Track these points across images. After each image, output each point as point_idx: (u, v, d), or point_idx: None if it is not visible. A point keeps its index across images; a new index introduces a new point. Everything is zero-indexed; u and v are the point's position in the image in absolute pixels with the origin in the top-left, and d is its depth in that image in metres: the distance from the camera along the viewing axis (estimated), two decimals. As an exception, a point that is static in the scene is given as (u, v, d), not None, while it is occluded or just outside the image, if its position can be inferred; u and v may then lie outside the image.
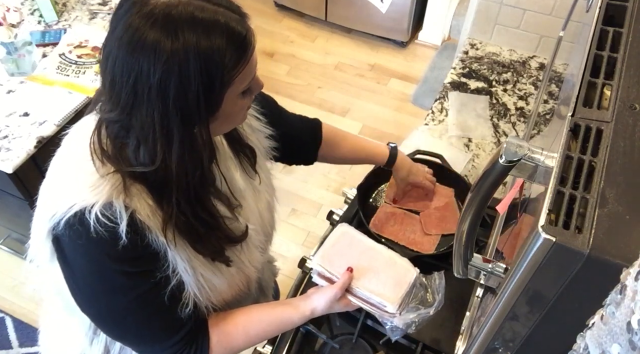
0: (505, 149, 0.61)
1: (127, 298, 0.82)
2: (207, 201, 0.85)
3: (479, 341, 0.69)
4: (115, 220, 0.75)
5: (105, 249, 0.77)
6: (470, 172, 1.52)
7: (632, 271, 0.40)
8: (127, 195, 0.77)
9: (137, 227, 0.77)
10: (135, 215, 0.77)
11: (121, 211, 0.76)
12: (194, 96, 0.71)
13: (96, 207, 0.75)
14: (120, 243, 0.76)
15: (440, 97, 1.73)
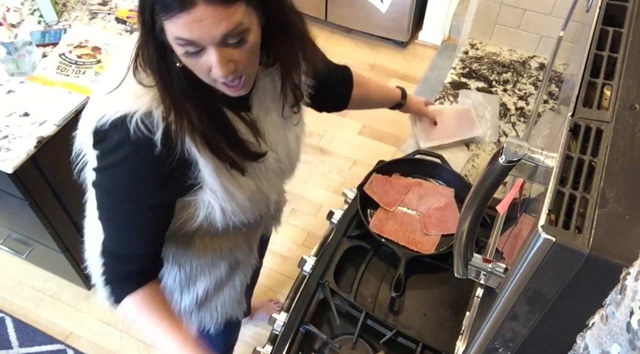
0: (505, 149, 0.61)
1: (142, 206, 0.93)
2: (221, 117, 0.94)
3: (479, 341, 0.69)
4: (152, 129, 0.85)
5: (141, 154, 0.87)
6: (470, 172, 1.52)
7: (632, 271, 0.40)
8: (166, 107, 0.86)
9: (170, 138, 0.86)
10: (171, 125, 0.86)
11: (158, 121, 0.85)
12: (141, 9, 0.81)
13: (137, 115, 0.85)
14: (155, 151, 0.86)
15: (441, 97, 1.73)
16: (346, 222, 1.33)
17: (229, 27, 0.79)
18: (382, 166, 1.43)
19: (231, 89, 0.89)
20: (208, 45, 0.81)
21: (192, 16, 0.77)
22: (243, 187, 1.00)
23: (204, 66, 0.84)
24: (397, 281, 1.20)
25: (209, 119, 0.91)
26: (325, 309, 1.21)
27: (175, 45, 0.82)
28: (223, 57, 0.82)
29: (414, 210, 1.37)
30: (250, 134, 0.99)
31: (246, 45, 0.84)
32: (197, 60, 0.83)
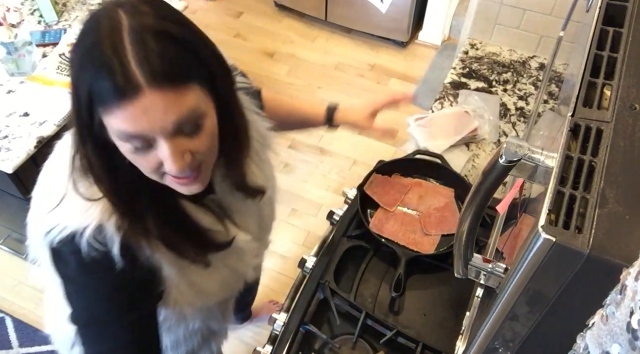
0: (505, 149, 0.61)
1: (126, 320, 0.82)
2: (178, 211, 0.84)
3: (479, 341, 0.69)
4: (107, 244, 0.75)
5: (100, 272, 0.77)
6: (470, 172, 1.52)
7: (632, 271, 0.40)
8: (118, 216, 0.76)
9: (129, 248, 0.77)
10: (127, 236, 0.76)
11: (112, 234, 0.75)
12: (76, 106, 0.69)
13: (87, 231, 0.74)
14: (115, 267, 0.76)
15: (441, 97, 1.73)
16: (346, 222, 1.33)
17: (181, 115, 0.68)
18: (382, 166, 1.43)
19: (183, 183, 0.75)
20: (158, 137, 0.69)
21: (137, 106, 0.65)
22: (212, 276, 0.92)
23: (153, 162, 0.72)
24: (397, 281, 1.20)
25: (166, 220, 0.80)
26: (325, 309, 1.21)
27: (118, 142, 0.70)
28: (177, 149, 0.70)
29: (414, 210, 1.37)
30: (217, 222, 0.89)
31: (203, 132, 0.72)
32: (146, 155, 0.71)
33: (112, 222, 0.75)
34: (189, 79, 0.68)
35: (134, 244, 0.77)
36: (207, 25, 3.47)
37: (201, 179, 0.77)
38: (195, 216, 0.86)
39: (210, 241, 0.87)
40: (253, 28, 3.47)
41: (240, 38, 3.40)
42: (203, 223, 0.86)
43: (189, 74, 0.69)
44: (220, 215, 0.90)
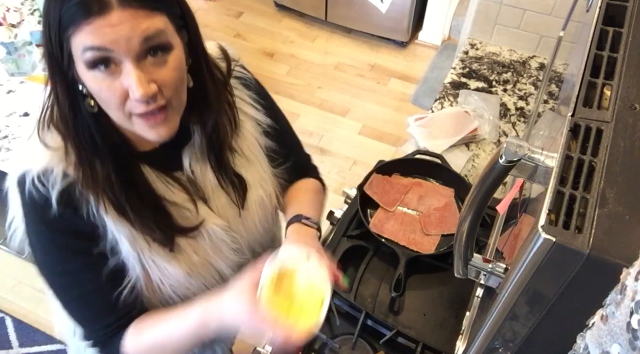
0: (505, 149, 0.61)
1: (59, 269, 0.83)
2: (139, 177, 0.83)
3: (479, 341, 0.69)
4: (49, 187, 0.77)
5: (39, 215, 0.79)
6: (470, 172, 1.52)
7: (632, 271, 0.40)
8: (68, 164, 0.78)
9: (73, 197, 0.78)
10: (75, 185, 0.78)
11: (56, 178, 0.77)
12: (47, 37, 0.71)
13: (33, 172, 0.77)
14: (52, 212, 0.77)
15: (441, 97, 1.73)
16: (346, 222, 1.33)
17: (148, 32, 0.69)
18: (382, 166, 1.43)
19: (150, 123, 0.75)
20: (124, 59, 0.69)
21: (106, 20, 0.67)
22: (178, 261, 0.87)
23: (119, 91, 0.71)
24: (397, 281, 1.20)
25: (121, 182, 0.79)
26: (325, 309, 1.21)
27: (85, 72, 0.70)
28: (143, 75, 0.70)
29: (414, 210, 1.37)
30: (187, 199, 0.87)
31: (169, 61, 0.73)
32: (111, 83, 0.71)
33: (60, 169, 0.77)
34: (159, 8, 0.70)
35: (80, 196, 0.78)
36: (207, 25, 3.47)
37: (169, 123, 0.77)
38: (158, 186, 0.85)
39: (172, 218, 0.85)
40: (253, 28, 3.47)
41: (240, 38, 3.40)
42: (167, 196, 0.85)
43: (159, 3, 0.71)
44: (192, 193, 0.88)
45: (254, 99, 1.00)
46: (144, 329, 0.86)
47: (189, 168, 0.88)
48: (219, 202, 0.93)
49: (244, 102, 0.98)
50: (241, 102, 0.97)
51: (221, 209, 0.93)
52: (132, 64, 0.70)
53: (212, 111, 0.87)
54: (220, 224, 0.92)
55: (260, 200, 0.98)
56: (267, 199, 1.00)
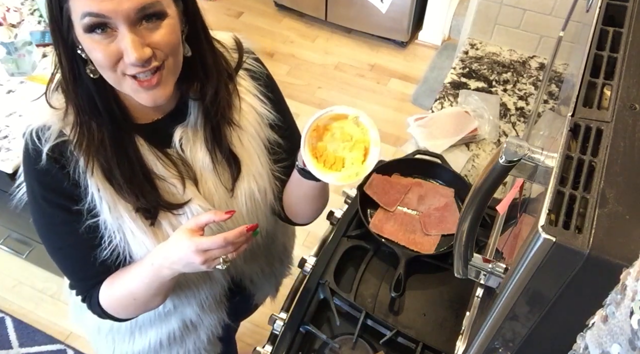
0: (505, 149, 0.61)
1: (43, 221, 0.89)
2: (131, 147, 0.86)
3: (479, 341, 0.69)
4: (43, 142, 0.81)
5: (31, 166, 0.84)
6: (470, 172, 1.52)
7: (632, 271, 0.40)
8: (65, 124, 0.82)
9: (63, 155, 0.82)
10: (67, 145, 0.82)
11: (52, 135, 0.82)
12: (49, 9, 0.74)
13: (34, 125, 0.82)
14: (41, 164, 0.82)
15: (441, 97, 1.73)
16: (346, 222, 1.33)
17: (145, 2, 0.71)
18: (382, 166, 1.43)
19: (144, 86, 0.77)
20: (120, 25, 0.72)
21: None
22: (157, 237, 0.89)
23: (114, 53, 0.74)
24: (397, 281, 1.20)
25: (114, 145, 0.83)
26: (325, 309, 1.21)
27: (82, 35, 0.73)
28: (138, 39, 0.73)
29: (414, 210, 1.37)
30: (175, 175, 0.89)
31: (164, 26, 0.75)
32: (107, 45, 0.73)
33: (58, 127, 0.82)
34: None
35: (70, 155, 0.82)
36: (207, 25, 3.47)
37: (163, 86, 0.79)
38: (148, 159, 0.87)
39: (159, 192, 0.88)
40: (253, 28, 3.47)
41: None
42: (156, 170, 0.88)
43: None
44: (182, 172, 0.90)
45: (261, 91, 0.99)
46: (114, 283, 0.91)
47: (179, 146, 0.90)
48: (206, 185, 0.93)
49: (249, 93, 0.98)
50: (246, 93, 0.97)
51: (207, 192, 0.93)
52: (127, 29, 0.72)
53: (211, 80, 0.89)
54: (205, 206, 0.92)
55: (250, 192, 0.97)
56: (260, 194, 0.99)
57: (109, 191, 0.85)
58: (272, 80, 1.04)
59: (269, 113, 0.99)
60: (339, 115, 0.83)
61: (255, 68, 1.00)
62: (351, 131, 0.83)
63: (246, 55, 0.98)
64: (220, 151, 0.93)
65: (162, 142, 0.89)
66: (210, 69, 0.88)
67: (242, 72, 0.97)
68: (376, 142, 0.83)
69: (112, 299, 0.92)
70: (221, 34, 0.97)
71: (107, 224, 0.87)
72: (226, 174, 0.95)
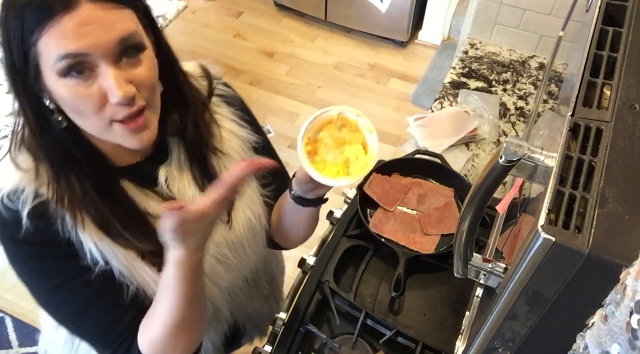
0: (505, 149, 0.61)
1: (49, 286, 0.80)
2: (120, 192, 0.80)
3: (479, 341, 0.69)
4: (19, 206, 0.74)
5: (13, 235, 0.75)
6: (470, 172, 1.52)
7: (632, 271, 0.40)
8: (40, 184, 0.75)
9: (45, 216, 0.75)
10: (46, 204, 0.75)
11: (27, 198, 0.74)
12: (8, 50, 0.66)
13: (4, 191, 0.74)
14: (25, 228, 0.74)
15: (441, 97, 1.73)
16: (346, 222, 1.33)
17: (123, 32, 0.66)
18: (382, 166, 1.43)
19: (132, 128, 0.71)
20: (101, 61, 0.66)
21: (76, 19, 0.63)
22: None
23: (97, 96, 0.68)
24: (397, 281, 1.20)
25: (100, 195, 0.76)
26: (325, 309, 1.21)
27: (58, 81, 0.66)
28: (121, 76, 0.68)
29: (414, 210, 1.37)
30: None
31: (144, 61, 0.70)
32: (86, 88, 0.67)
33: (32, 188, 0.74)
34: (126, 4, 0.68)
35: (55, 213, 0.75)
36: (207, 25, 3.47)
37: (149, 127, 0.74)
38: (139, 201, 0.81)
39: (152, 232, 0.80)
40: (253, 28, 3.47)
41: (240, 38, 3.40)
42: (150, 210, 0.82)
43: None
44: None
45: (238, 115, 0.96)
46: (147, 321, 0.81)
47: (166, 186, 0.85)
48: None
49: (227, 120, 0.94)
50: (224, 120, 0.94)
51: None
52: (110, 65, 0.67)
53: (190, 112, 0.85)
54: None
55: (247, 221, 0.94)
56: (257, 221, 0.96)
57: (107, 243, 0.78)
58: (244, 103, 1.01)
59: (250, 136, 0.96)
60: (324, 121, 0.82)
61: (228, 93, 0.97)
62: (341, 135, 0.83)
63: (216, 82, 0.94)
64: (210, 183, 0.88)
65: (148, 183, 0.84)
66: (187, 102, 0.84)
67: (215, 99, 0.94)
68: (370, 129, 0.82)
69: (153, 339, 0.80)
70: (186, 64, 0.90)
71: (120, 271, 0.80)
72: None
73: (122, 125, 0.71)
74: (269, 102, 2.98)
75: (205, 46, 3.31)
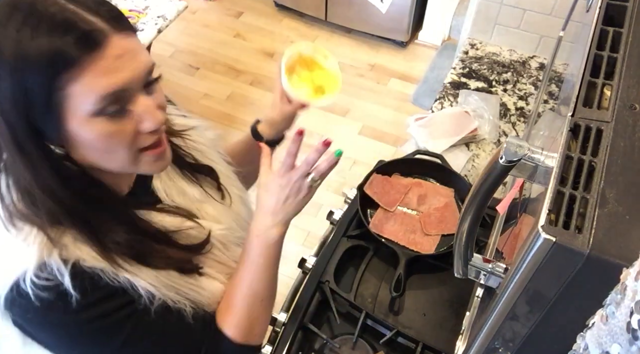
0: (505, 149, 0.61)
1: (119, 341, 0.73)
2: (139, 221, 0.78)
3: (479, 341, 0.69)
4: (56, 278, 0.66)
5: (61, 311, 0.68)
6: (470, 172, 1.52)
7: (632, 271, 0.40)
8: (60, 248, 0.68)
9: (85, 275, 0.69)
10: (79, 264, 0.68)
11: (59, 268, 0.67)
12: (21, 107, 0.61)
13: (29, 273, 0.66)
14: (71, 299, 0.67)
15: (441, 97, 1.73)
16: (346, 222, 1.33)
17: (148, 58, 0.66)
18: (382, 166, 1.43)
19: (158, 149, 0.71)
20: (136, 91, 0.65)
21: (110, 53, 0.60)
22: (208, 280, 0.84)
23: (131, 129, 0.66)
24: (397, 281, 1.20)
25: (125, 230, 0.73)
26: (325, 309, 1.21)
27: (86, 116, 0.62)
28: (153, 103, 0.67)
29: (414, 210, 1.37)
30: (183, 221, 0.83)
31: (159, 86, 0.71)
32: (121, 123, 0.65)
33: (56, 255, 0.67)
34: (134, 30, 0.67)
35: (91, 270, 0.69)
36: (207, 25, 3.47)
37: (168, 148, 0.74)
38: (155, 221, 0.79)
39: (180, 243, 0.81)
40: (253, 28, 3.47)
41: (240, 38, 3.40)
42: (168, 227, 0.80)
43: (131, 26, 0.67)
44: (184, 214, 0.85)
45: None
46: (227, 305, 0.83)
47: (167, 197, 0.85)
48: (207, 213, 0.90)
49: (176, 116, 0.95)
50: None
51: (212, 217, 0.91)
52: (144, 95, 0.66)
53: None
54: (222, 227, 0.90)
55: (239, 199, 0.99)
56: (245, 195, 1.02)
57: (149, 272, 0.75)
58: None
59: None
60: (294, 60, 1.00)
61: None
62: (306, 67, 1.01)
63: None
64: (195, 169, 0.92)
65: (152, 202, 0.83)
66: None
67: None
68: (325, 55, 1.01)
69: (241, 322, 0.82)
70: None
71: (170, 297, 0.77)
72: (214, 194, 0.94)
73: (150, 152, 0.71)
74: (269, 102, 2.98)
75: (205, 46, 3.31)
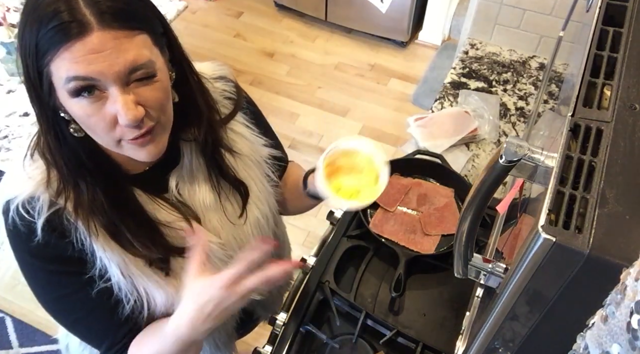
0: (505, 149, 0.61)
1: (53, 295, 0.83)
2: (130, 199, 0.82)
3: (479, 341, 0.69)
4: (34, 215, 0.75)
5: (23, 244, 0.78)
6: (470, 172, 1.52)
7: (632, 271, 0.40)
8: (54, 190, 0.76)
9: (60, 225, 0.76)
10: (62, 213, 0.76)
11: (42, 207, 0.75)
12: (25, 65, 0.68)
13: (19, 199, 0.75)
14: (36, 240, 0.76)
15: (441, 97, 1.73)
16: (346, 222, 1.33)
17: (134, 63, 0.67)
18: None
19: (139, 143, 0.73)
20: (110, 86, 0.67)
21: (88, 46, 0.64)
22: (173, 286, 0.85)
23: (108, 117, 0.69)
24: (397, 281, 1.20)
25: (111, 202, 0.77)
26: (325, 309, 1.21)
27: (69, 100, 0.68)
28: (129, 98, 0.68)
29: (414, 210, 1.37)
30: (179, 218, 0.85)
31: (156, 82, 0.71)
32: (98, 109, 0.69)
33: (47, 196, 0.76)
34: (140, 28, 0.68)
35: (68, 222, 0.76)
36: (207, 25, 3.47)
37: (158, 141, 0.75)
38: (149, 208, 0.83)
39: (167, 239, 0.83)
40: (253, 28, 3.47)
41: (240, 38, 3.40)
42: (160, 217, 0.83)
43: (141, 22, 0.68)
44: (184, 213, 0.86)
45: (247, 119, 0.97)
46: (138, 347, 0.85)
47: (176, 191, 0.87)
48: (210, 224, 0.90)
49: (237, 122, 0.96)
50: (234, 123, 0.95)
51: (213, 230, 0.91)
52: (119, 90, 0.68)
53: (203, 120, 0.86)
54: (215, 241, 0.89)
55: (256, 222, 0.97)
56: (264, 220, 0.98)
57: (117, 251, 0.79)
58: (253, 104, 1.02)
59: (258, 138, 0.98)
60: (344, 150, 0.92)
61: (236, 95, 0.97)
62: (357, 163, 0.93)
63: (227, 83, 0.95)
64: (227, 180, 0.91)
65: (158, 189, 0.86)
66: (202, 110, 0.86)
67: (226, 102, 0.95)
68: (385, 162, 0.92)
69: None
70: (199, 65, 0.91)
71: (120, 286, 0.82)
72: (230, 207, 0.93)
73: (130, 143, 0.73)
74: (269, 102, 2.98)
75: (205, 46, 3.31)
